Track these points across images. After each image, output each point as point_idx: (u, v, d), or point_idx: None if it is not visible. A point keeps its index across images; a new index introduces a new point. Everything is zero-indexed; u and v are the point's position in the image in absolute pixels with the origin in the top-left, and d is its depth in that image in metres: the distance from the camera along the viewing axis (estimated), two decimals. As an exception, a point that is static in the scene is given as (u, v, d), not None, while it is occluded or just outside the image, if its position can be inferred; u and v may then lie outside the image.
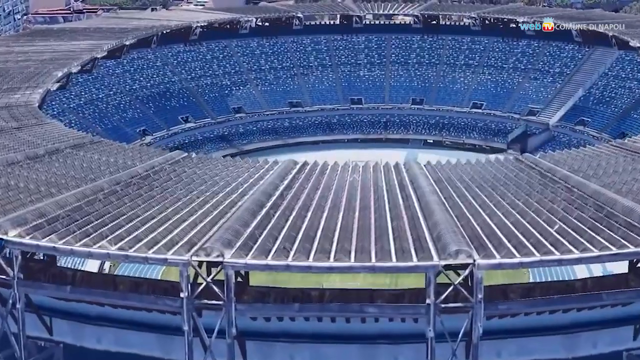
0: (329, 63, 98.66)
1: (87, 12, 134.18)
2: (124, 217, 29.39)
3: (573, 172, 36.76)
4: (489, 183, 35.82)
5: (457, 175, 37.83)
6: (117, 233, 27.30)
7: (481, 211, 30.40)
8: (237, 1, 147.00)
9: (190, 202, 31.86)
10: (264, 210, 30.51)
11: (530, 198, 32.24)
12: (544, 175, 37.07)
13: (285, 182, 35.78)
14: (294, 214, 30.47)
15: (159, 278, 39.39)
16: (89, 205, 30.68)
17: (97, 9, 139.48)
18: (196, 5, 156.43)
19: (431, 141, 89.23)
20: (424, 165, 40.39)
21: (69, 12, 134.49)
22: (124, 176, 35.70)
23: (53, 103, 73.04)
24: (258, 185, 34.73)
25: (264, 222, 28.86)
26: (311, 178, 37.33)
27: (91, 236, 26.91)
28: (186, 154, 43.25)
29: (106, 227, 27.86)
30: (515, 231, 27.40)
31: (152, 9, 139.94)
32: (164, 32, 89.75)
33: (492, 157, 43.68)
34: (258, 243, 26.33)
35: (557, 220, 28.61)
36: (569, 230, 27.34)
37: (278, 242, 26.70)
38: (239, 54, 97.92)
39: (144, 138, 79.96)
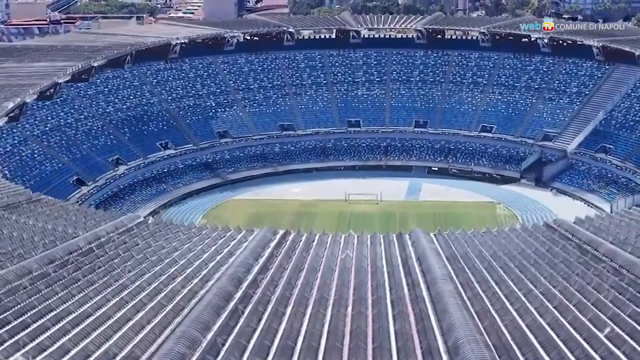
0: (324, 81, 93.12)
1: (64, 22, 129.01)
2: (52, 314, 25.28)
3: (620, 246, 31.89)
4: (516, 262, 31.31)
5: (475, 250, 33.33)
6: (38, 340, 23.35)
7: (509, 306, 26.24)
8: (228, 11, 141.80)
9: (139, 292, 28.18)
10: (231, 304, 26.14)
11: (569, 285, 28.68)
12: (584, 251, 32.28)
13: (261, 261, 31.20)
14: (269, 309, 26.99)
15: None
16: (9, 295, 26.29)
17: (76, 19, 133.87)
18: (185, 13, 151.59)
19: (436, 169, 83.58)
20: (434, 236, 34.00)
21: (46, 23, 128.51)
22: (61, 251, 31.54)
23: (14, 130, 67.04)
24: (227, 266, 30.77)
25: (230, 323, 24.64)
26: (293, 255, 32.70)
27: (4, 345, 22.74)
28: (141, 218, 36.91)
29: (26, 332, 23.86)
30: (555, 337, 23.40)
31: (138, 18, 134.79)
32: (141, 49, 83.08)
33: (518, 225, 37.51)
34: (220, 358, 22.01)
35: (607, 320, 24.54)
36: (624, 335, 23.18)
37: (246, 355, 22.51)
38: (224, 71, 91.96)
39: (117, 168, 73.52)
